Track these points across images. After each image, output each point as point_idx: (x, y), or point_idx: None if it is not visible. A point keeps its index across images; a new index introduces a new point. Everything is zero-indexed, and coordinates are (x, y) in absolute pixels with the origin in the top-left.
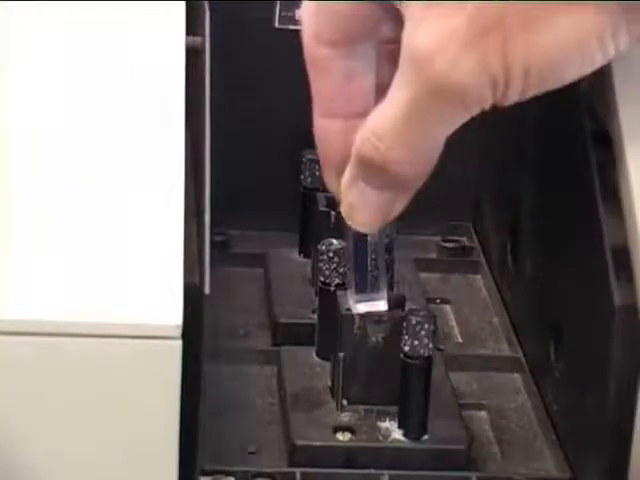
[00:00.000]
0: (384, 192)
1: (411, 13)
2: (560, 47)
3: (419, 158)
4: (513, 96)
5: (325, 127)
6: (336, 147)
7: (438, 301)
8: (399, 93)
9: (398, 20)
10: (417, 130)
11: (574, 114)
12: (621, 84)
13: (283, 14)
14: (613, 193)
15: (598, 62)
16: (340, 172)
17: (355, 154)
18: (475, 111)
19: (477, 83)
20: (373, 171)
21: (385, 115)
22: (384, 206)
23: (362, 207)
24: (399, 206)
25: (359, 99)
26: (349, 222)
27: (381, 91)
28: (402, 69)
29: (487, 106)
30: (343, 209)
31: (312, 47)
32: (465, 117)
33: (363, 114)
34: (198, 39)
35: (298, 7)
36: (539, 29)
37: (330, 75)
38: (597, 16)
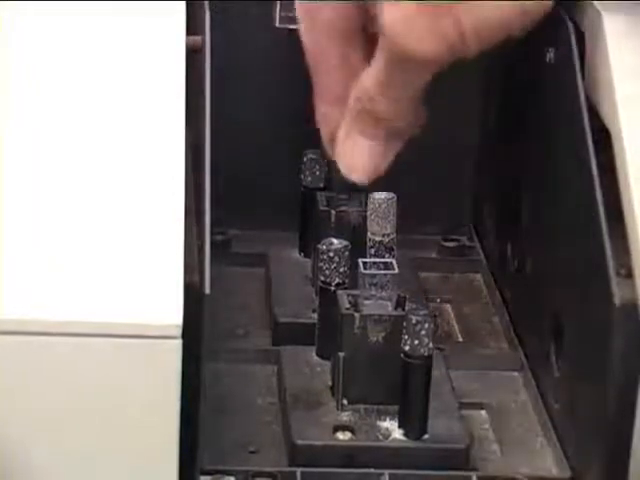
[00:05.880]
0: (375, 142)
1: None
2: (501, 10)
3: (402, 107)
4: (471, 52)
5: (327, 112)
6: (337, 127)
7: (438, 300)
8: (379, 57)
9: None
10: (394, 84)
11: (575, 114)
12: (621, 84)
13: (283, 14)
14: (613, 192)
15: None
16: None
17: (351, 110)
18: (439, 67)
19: (436, 49)
20: (367, 122)
21: (370, 74)
22: (375, 156)
23: (356, 156)
24: (389, 156)
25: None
26: (343, 171)
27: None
28: (380, 39)
29: (449, 61)
30: (338, 160)
31: (312, 48)
32: (431, 72)
33: None
34: (198, 39)
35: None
36: (483, 2)
37: (329, 69)
38: None
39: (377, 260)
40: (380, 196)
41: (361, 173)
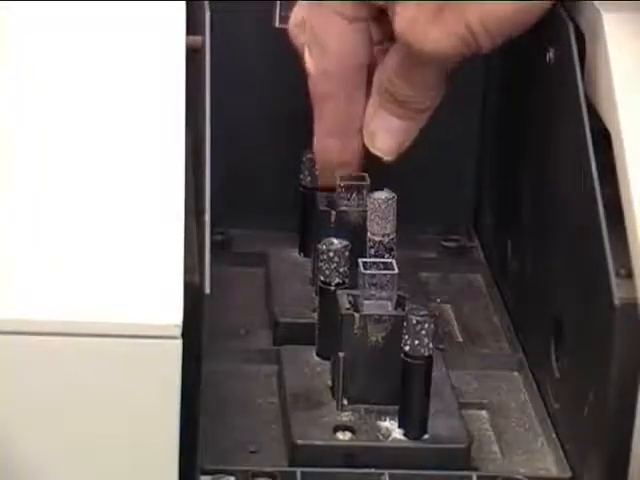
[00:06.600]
0: (401, 120)
1: (395, 6)
2: (503, 8)
3: (422, 93)
4: (485, 46)
5: (327, 145)
6: (335, 160)
7: (438, 301)
8: (398, 49)
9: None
10: (411, 76)
11: (575, 114)
12: (621, 84)
13: (283, 14)
14: (613, 192)
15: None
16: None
17: (377, 90)
18: (456, 60)
19: (451, 45)
20: (392, 102)
21: (389, 64)
22: (401, 133)
23: (383, 133)
24: (412, 134)
25: (357, 120)
26: (371, 148)
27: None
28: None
29: (467, 55)
30: (365, 137)
31: (319, 82)
32: (452, 62)
33: (359, 130)
34: (198, 39)
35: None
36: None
37: (334, 104)
38: None
39: (377, 260)
40: (380, 196)
41: (387, 152)
